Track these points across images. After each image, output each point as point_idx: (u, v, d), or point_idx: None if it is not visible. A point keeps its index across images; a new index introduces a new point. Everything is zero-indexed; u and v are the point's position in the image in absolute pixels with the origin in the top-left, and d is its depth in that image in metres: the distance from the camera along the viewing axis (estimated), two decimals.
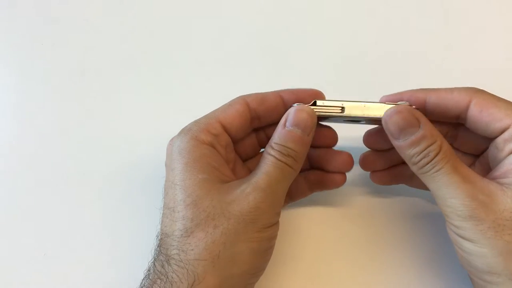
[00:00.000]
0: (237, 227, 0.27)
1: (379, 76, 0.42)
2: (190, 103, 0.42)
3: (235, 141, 0.32)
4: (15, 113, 0.43)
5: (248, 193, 0.27)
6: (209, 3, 0.47)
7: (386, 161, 0.34)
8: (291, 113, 0.29)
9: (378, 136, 0.33)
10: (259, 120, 0.32)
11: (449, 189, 0.27)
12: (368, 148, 0.34)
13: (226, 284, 0.26)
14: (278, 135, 0.29)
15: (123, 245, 0.36)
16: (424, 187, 0.34)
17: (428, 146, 0.27)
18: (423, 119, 0.28)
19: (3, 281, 0.35)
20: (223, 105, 0.31)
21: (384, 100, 0.31)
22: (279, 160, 0.28)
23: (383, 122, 0.29)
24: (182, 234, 0.27)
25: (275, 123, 0.31)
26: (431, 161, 0.27)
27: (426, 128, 0.28)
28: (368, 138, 0.33)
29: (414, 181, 0.34)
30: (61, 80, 0.44)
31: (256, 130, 0.33)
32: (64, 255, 0.36)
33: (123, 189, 0.38)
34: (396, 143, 0.28)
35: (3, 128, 0.42)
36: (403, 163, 0.34)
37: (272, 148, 0.29)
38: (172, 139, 0.30)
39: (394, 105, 0.29)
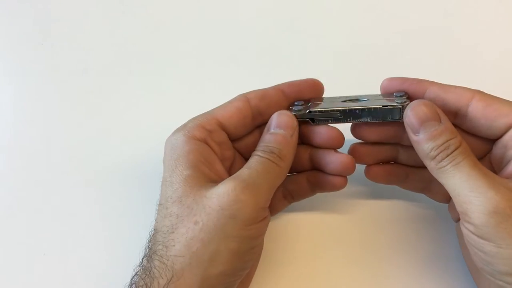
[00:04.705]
0: (216, 223, 0.26)
1: (380, 72, 0.42)
2: (191, 101, 0.42)
3: (235, 138, 0.32)
4: (15, 113, 0.43)
5: (228, 187, 0.27)
6: (209, 2, 0.47)
7: (376, 154, 0.33)
8: (273, 118, 0.30)
9: (366, 126, 0.32)
10: (262, 117, 0.32)
11: (469, 182, 0.25)
12: (357, 139, 0.33)
13: (205, 284, 0.26)
14: (263, 139, 0.30)
15: (124, 245, 0.36)
16: (417, 189, 0.34)
17: (449, 140, 0.27)
18: (444, 116, 0.28)
19: (3, 281, 0.35)
20: (223, 103, 0.31)
21: (385, 84, 0.31)
22: (262, 156, 0.29)
23: (404, 115, 0.28)
24: (168, 230, 0.27)
25: None
26: (451, 153, 0.26)
27: (448, 123, 0.27)
28: (356, 128, 0.32)
29: (408, 183, 0.34)
30: (61, 80, 0.44)
31: (259, 127, 0.33)
32: (64, 255, 0.36)
33: (124, 188, 0.38)
34: (415, 138, 0.28)
35: (2, 128, 0.42)
36: (397, 161, 0.34)
37: (257, 149, 0.30)
38: (169, 135, 0.30)
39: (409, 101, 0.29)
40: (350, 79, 0.42)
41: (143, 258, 0.28)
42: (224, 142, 0.31)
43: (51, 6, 0.48)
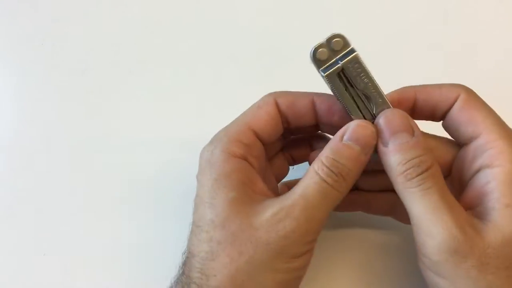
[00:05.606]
0: (263, 257, 0.24)
1: (379, 73, 0.42)
2: (191, 102, 0.42)
3: (266, 145, 0.29)
4: (15, 113, 0.43)
5: (279, 219, 0.24)
6: (208, 2, 0.47)
7: None
8: (351, 126, 0.26)
9: None
10: (288, 124, 0.29)
11: (435, 214, 0.23)
12: None
13: None
14: (332, 148, 0.25)
15: (124, 245, 0.36)
16: (382, 213, 0.32)
17: (419, 156, 0.24)
18: (418, 131, 0.25)
19: (3, 281, 0.35)
20: (251, 107, 0.28)
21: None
22: (325, 180, 0.25)
23: (376, 120, 0.26)
24: (207, 257, 0.25)
25: (304, 127, 0.29)
26: (421, 173, 0.24)
27: (421, 138, 0.25)
28: None
29: (372, 208, 0.32)
30: (61, 80, 0.44)
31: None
32: (64, 255, 0.36)
33: (124, 188, 0.38)
34: (383, 148, 0.25)
35: (3, 128, 0.42)
36: (358, 188, 0.32)
37: (322, 162, 0.25)
38: (203, 149, 0.28)
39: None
40: None
41: (176, 283, 0.26)
42: (262, 155, 0.29)
43: (51, 6, 0.48)
